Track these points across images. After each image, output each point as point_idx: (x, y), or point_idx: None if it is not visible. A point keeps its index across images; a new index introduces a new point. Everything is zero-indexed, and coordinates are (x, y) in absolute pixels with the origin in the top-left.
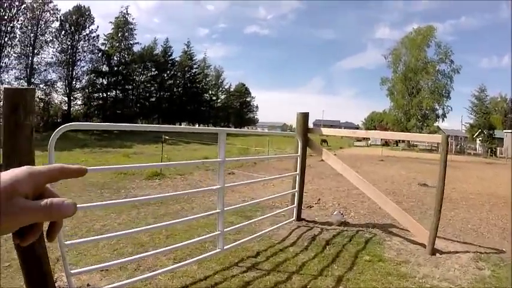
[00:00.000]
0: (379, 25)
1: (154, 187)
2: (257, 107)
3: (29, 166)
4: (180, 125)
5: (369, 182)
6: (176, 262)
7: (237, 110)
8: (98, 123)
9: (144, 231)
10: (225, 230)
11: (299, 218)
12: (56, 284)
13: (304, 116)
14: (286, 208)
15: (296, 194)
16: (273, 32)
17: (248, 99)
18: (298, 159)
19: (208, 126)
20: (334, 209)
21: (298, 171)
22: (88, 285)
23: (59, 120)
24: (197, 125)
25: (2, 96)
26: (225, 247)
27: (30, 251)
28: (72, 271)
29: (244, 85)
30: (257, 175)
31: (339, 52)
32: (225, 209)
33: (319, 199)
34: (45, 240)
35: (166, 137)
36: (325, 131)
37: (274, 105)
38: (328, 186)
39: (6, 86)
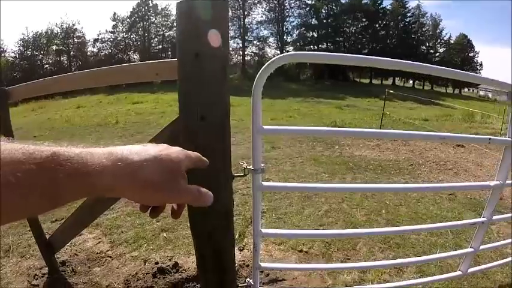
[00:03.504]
0: None
1: (372, 148)
2: (481, 64)
3: (181, 149)
4: (394, 80)
5: None
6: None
7: (458, 67)
8: (316, 52)
9: (363, 235)
10: (481, 247)
11: None
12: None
13: None
14: None
15: None
16: None
17: (471, 54)
18: None
19: (424, 83)
20: None
21: None
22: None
23: (272, 72)
24: (411, 81)
25: None
26: (469, 270)
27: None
28: (261, 264)
29: (467, 37)
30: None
31: None
32: (494, 217)
33: None
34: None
35: (391, 91)
36: None
37: (499, 64)
38: None
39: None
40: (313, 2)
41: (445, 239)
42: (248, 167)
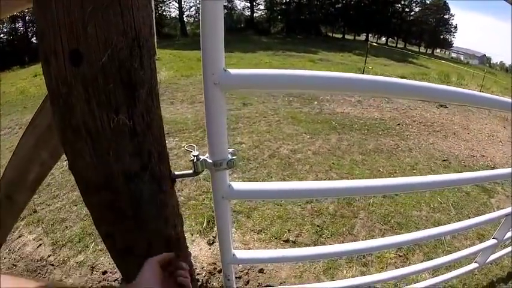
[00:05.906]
0: None
1: (354, 104)
2: (455, 27)
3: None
4: (367, 36)
5: None
6: (402, 259)
7: (432, 28)
8: None
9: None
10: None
11: None
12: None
13: None
14: None
15: None
16: None
17: (446, 16)
18: None
19: (397, 41)
20: None
21: None
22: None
23: (242, 25)
24: (384, 38)
25: None
26: (487, 260)
27: None
28: (236, 253)
29: None
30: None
31: None
32: None
33: None
34: None
35: (375, 44)
36: None
37: (474, 30)
38: None
39: None
40: None
41: (448, 216)
42: (201, 156)
